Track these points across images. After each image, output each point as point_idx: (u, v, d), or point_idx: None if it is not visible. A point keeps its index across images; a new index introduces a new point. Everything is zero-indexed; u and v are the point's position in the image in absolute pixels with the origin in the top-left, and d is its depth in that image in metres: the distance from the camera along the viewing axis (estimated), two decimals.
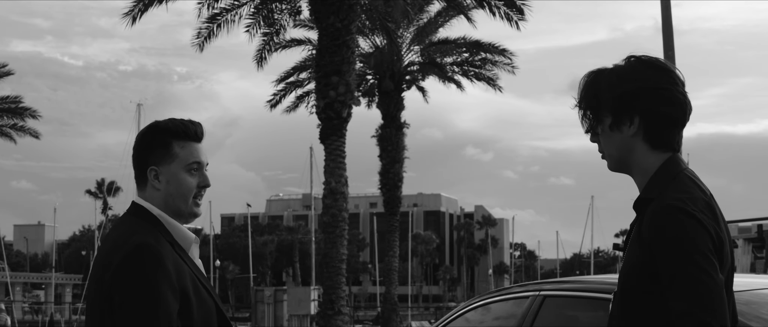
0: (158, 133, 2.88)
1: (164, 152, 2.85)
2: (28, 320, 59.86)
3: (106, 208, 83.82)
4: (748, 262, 20.21)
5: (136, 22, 22.47)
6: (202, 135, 2.92)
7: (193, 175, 2.87)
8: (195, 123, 2.92)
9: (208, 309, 2.78)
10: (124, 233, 2.76)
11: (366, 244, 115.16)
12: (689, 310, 2.22)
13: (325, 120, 21.55)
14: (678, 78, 2.48)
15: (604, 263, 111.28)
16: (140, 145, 2.90)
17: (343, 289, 21.73)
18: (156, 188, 2.86)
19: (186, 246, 2.84)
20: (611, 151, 2.52)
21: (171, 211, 2.85)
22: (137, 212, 2.85)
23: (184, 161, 2.86)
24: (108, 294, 2.65)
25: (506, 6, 24.48)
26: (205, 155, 2.92)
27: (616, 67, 2.52)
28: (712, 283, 2.25)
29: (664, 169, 2.46)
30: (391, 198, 33.73)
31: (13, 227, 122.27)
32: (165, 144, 2.86)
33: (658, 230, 2.31)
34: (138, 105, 63.84)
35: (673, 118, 2.46)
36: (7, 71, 39.17)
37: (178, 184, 2.85)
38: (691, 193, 2.39)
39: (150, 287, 2.61)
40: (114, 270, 2.66)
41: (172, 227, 2.83)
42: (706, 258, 2.27)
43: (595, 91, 2.50)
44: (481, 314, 4.82)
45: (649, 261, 2.33)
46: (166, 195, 2.85)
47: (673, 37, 13.10)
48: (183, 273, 2.72)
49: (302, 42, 29.84)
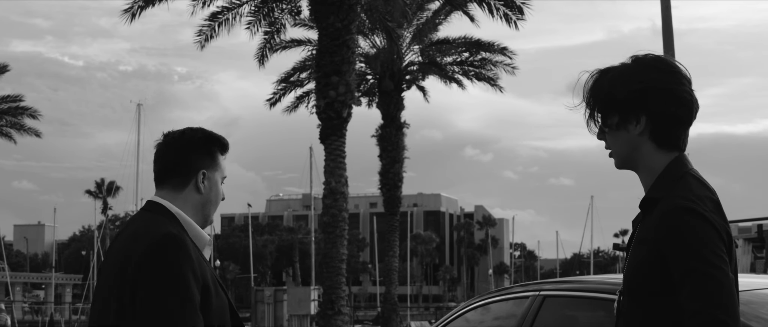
0: (207, 140, 2.99)
1: (212, 160, 2.97)
2: (28, 320, 59.80)
3: (106, 208, 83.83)
4: (748, 262, 20.22)
5: (135, 20, 22.53)
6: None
7: (221, 187, 3.03)
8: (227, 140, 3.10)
9: (223, 304, 2.82)
10: (145, 225, 2.79)
11: (366, 244, 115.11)
12: (703, 308, 2.22)
13: (325, 120, 21.55)
14: (685, 77, 2.48)
15: (604, 263, 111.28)
16: (191, 148, 2.95)
17: (343, 289, 21.72)
18: (200, 191, 2.93)
19: (201, 246, 2.88)
20: (617, 150, 2.53)
21: (200, 216, 2.94)
22: (154, 209, 2.88)
23: (222, 173, 3.02)
24: (131, 282, 2.65)
25: (506, 6, 24.49)
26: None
27: (622, 66, 2.52)
28: (725, 281, 2.25)
29: (670, 168, 2.46)
30: (391, 198, 33.72)
31: (13, 227, 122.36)
32: (213, 153, 2.98)
33: (669, 230, 2.31)
34: (138, 105, 63.98)
35: (680, 117, 2.46)
36: (4, 69, 39.15)
37: (216, 192, 2.98)
38: (700, 192, 2.39)
39: (176, 275, 2.65)
40: (139, 258, 2.67)
41: (188, 226, 2.87)
42: (718, 257, 2.27)
43: (601, 91, 2.50)
44: (481, 314, 4.82)
45: (657, 260, 2.33)
46: (206, 200, 2.95)
47: (673, 37, 13.09)
48: (204, 265, 2.78)
49: (302, 42, 29.83)
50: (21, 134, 39.27)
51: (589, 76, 2.55)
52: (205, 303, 2.69)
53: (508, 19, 24.51)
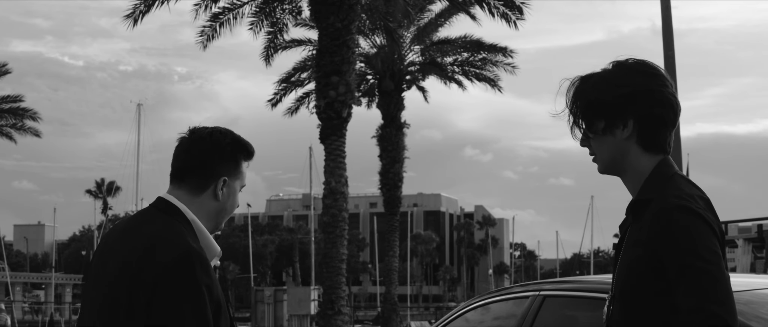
0: (235, 146, 2.83)
1: (235, 167, 2.81)
2: (28, 320, 59.79)
3: (106, 208, 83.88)
4: (748, 262, 20.24)
5: (137, 24, 22.49)
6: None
7: (238, 196, 2.87)
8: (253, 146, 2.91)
9: (227, 321, 2.74)
10: (165, 232, 2.64)
11: (366, 244, 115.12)
12: (700, 304, 2.22)
13: (325, 120, 21.54)
14: (667, 79, 2.50)
15: (604, 263, 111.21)
16: (217, 153, 2.80)
17: (343, 289, 21.71)
18: (217, 199, 2.78)
19: (210, 256, 2.74)
20: (603, 155, 2.53)
21: (213, 223, 2.81)
22: (167, 209, 2.74)
23: (242, 182, 2.85)
24: (149, 292, 2.54)
25: (505, 6, 24.48)
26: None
27: (604, 71, 2.53)
28: (721, 278, 2.26)
29: (658, 170, 2.47)
30: (391, 198, 33.74)
31: (13, 227, 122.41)
32: (238, 160, 2.82)
33: (663, 229, 2.31)
34: (138, 105, 64.08)
35: (666, 120, 2.47)
36: (5, 70, 39.14)
37: (232, 201, 2.83)
38: (691, 191, 2.40)
39: (200, 294, 2.55)
40: (164, 270, 2.55)
41: (202, 235, 2.74)
42: (713, 254, 2.28)
43: (585, 97, 2.51)
44: (481, 314, 4.82)
45: (652, 260, 2.33)
46: (222, 208, 2.81)
47: (673, 37, 13.10)
48: (217, 284, 2.67)
49: (303, 42, 29.85)
50: (21, 134, 39.28)
51: (570, 84, 2.56)
52: (216, 320, 2.62)
53: (507, 18, 24.51)
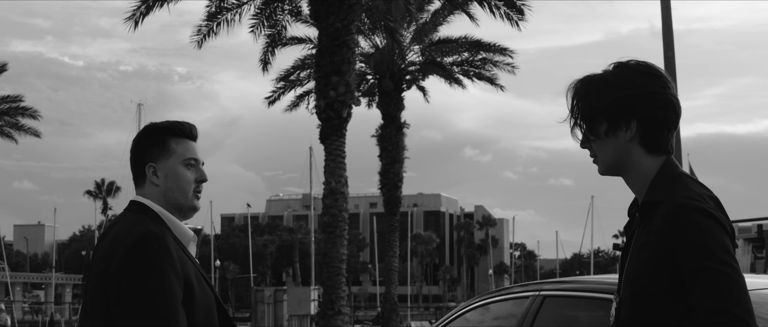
0: (154, 131, 2.95)
1: (161, 149, 2.92)
2: (28, 320, 59.84)
3: (106, 209, 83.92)
4: (748, 262, 20.21)
5: (138, 26, 22.38)
6: (196, 134, 3.00)
7: (191, 170, 2.94)
8: (189, 123, 3.01)
9: (209, 300, 2.82)
10: (127, 226, 2.79)
11: (366, 244, 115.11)
12: (720, 306, 2.20)
13: (325, 120, 21.53)
14: (668, 81, 2.49)
15: (604, 263, 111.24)
16: (137, 145, 2.96)
17: (343, 289, 21.71)
18: (154, 184, 2.90)
19: (185, 242, 2.87)
20: (606, 157, 2.52)
21: (171, 206, 2.90)
22: (137, 208, 2.89)
23: (181, 157, 2.93)
24: (113, 283, 2.66)
25: (506, 6, 24.48)
26: (200, 153, 3.00)
27: (606, 73, 2.52)
28: (738, 279, 2.24)
29: (664, 171, 2.46)
30: (391, 198, 33.73)
31: (13, 227, 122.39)
32: (161, 141, 2.93)
33: (677, 230, 2.30)
34: (138, 105, 64.06)
35: (668, 121, 2.47)
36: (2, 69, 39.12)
37: (176, 178, 2.91)
38: (700, 191, 2.39)
39: (156, 272, 2.64)
40: (119, 257, 2.68)
41: (172, 223, 2.87)
42: (728, 254, 2.27)
43: (587, 99, 2.50)
44: (481, 314, 4.82)
45: (664, 261, 2.31)
46: (166, 189, 2.90)
47: (672, 37, 13.09)
48: (186, 262, 2.77)
49: (302, 40, 29.75)
50: (21, 134, 39.27)
51: (571, 86, 2.55)
52: (188, 300, 2.69)
53: (510, 18, 24.50)
